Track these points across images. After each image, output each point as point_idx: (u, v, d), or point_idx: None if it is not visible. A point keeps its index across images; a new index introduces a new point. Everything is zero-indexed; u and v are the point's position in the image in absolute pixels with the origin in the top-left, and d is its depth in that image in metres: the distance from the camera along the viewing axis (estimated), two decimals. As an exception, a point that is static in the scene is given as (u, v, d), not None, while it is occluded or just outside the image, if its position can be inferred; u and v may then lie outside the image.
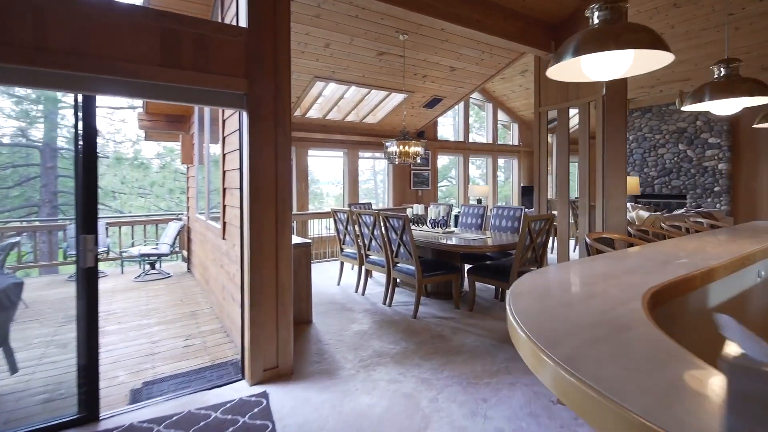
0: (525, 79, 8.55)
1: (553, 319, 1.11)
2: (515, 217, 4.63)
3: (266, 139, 2.54)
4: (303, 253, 3.52)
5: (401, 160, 4.99)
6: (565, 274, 1.67)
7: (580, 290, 1.39)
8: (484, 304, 4.10)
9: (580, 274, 1.65)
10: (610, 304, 1.22)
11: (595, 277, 1.58)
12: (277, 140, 2.59)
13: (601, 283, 1.48)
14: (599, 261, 1.90)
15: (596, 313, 1.14)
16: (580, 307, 1.20)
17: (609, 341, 0.93)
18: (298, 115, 6.64)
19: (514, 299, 1.28)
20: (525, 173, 10.72)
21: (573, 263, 1.85)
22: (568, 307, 1.21)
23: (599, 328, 1.01)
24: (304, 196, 7.09)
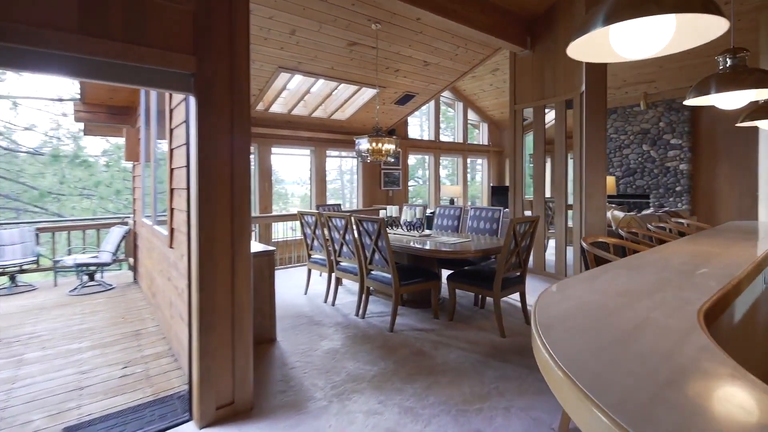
0: (495, 78, 8.46)
1: (613, 368, 0.80)
2: (494, 218, 4.41)
3: (220, 131, 2.12)
4: (265, 263, 3.10)
5: (374, 158, 4.65)
6: (587, 292, 1.39)
7: (620, 317, 1.11)
8: (464, 313, 3.83)
9: (604, 292, 1.38)
10: (668, 338, 0.95)
11: (625, 296, 1.32)
12: (234, 132, 2.17)
13: (637, 305, 1.21)
14: (614, 273, 1.65)
15: (660, 355, 0.85)
16: (635, 345, 0.91)
17: (705, 412, 0.63)
18: (261, 109, 6.14)
19: (546, 334, 0.97)
20: (494, 173, 10.68)
21: (587, 277, 1.59)
22: (621, 345, 0.92)
23: (680, 385, 0.72)
24: (267, 196, 6.59)
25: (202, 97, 2.06)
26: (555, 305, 1.23)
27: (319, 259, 4.37)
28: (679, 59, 6.50)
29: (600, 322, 1.07)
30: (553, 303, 1.26)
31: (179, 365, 2.80)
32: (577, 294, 1.37)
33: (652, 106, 7.99)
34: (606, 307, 1.22)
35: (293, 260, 6.19)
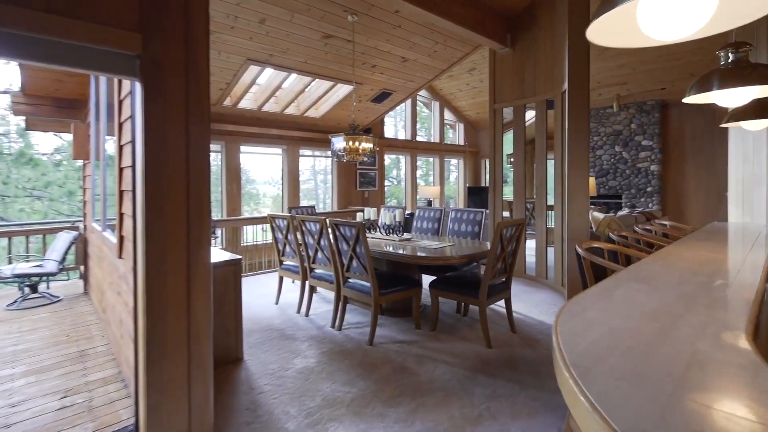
0: (472, 78, 8.36)
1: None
2: (476, 221, 4.24)
3: (172, 123, 1.81)
4: (231, 274, 2.77)
5: (350, 157, 4.38)
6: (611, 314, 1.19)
7: (663, 353, 0.91)
8: (446, 321, 3.63)
9: (629, 315, 1.18)
10: (736, 381, 0.75)
11: (656, 320, 1.12)
12: (190, 125, 1.86)
13: (675, 333, 1.02)
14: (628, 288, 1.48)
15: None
16: (700, 396, 0.71)
17: None
18: (228, 104, 5.75)
19: (588, 383, 0.75)
20: (470, 173, 10.62)
21: (601, 292, 1.40)
22: (683, 397, 0.71)
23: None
24: (235, 198, 6.18)
25: (150, 83, 1.74)
26: (581, 335, 1.02)
27: (292, 265, 4.06)
28: (651, 62, 6.58)
29: (644, 362, 0.86)
30: (577, 331, 1.04)
31: (129, 392, 2.44)
32: (600, 317, 1.16)
33: (624, 108, 8.11)
34: (640, 336, 1.01)
35: (264, 265, 5.82)
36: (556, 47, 4.58)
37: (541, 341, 3.18)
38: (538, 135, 4.93)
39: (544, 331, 3.39)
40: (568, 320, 1.13)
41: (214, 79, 5.08)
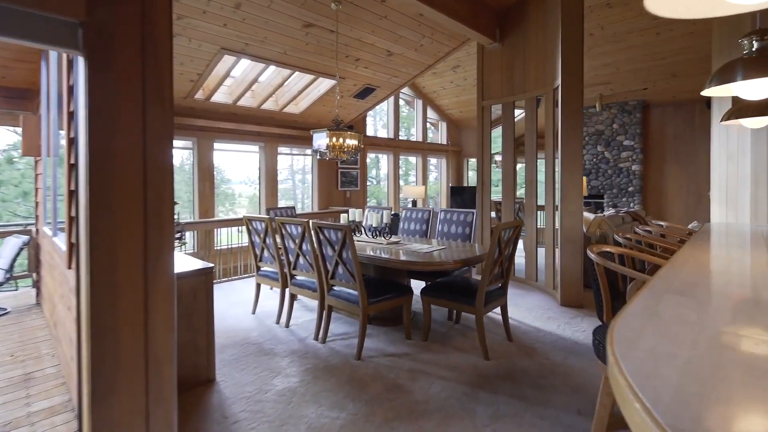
0: (456, 75, 8.20)
1: None
2: (466, 222, 4.03)
3: (125, 105, 1.49)
4: (201, 283, 2.45)
5: (334, 155, 4.09)
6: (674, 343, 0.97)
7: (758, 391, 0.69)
8: (438, 330, 3.40)
9: (695, 342, 0.97)
10: None
11: (722, 343, 0.91)
12: (147, 108, 1.55)
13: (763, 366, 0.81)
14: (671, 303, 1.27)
15: None
16: None
17: None
18: (201, 97, 5.35)
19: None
20: (453, 173, 10.49)
21: (646, 311, 1.19)
22: None
23: None
24: (208, 198, 5.78)
25: (96, 57, 1.43)
26: (656, 375, 0.79)
27: (270, 272, 3.74)
28: (637, 60, 6.57)
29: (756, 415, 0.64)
30: (649, 371, 0.81)
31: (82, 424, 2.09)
32: (663, 347, 0.94)
33: (606, 108, 8.13)
34: (726, 375, 0.79)
35: (239, 271, 5.46)
36: (547, 43, 4.43)
37: (539, 350, 2.99)
38: (528, 133, 4.78)
39: (540, 339, 3.20)
40: (628, 352, 0.90)
41: (185, 70, 4.69)
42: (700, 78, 6.65)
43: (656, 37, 6.00)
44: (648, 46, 6.21)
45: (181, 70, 4.66)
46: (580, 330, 3.38)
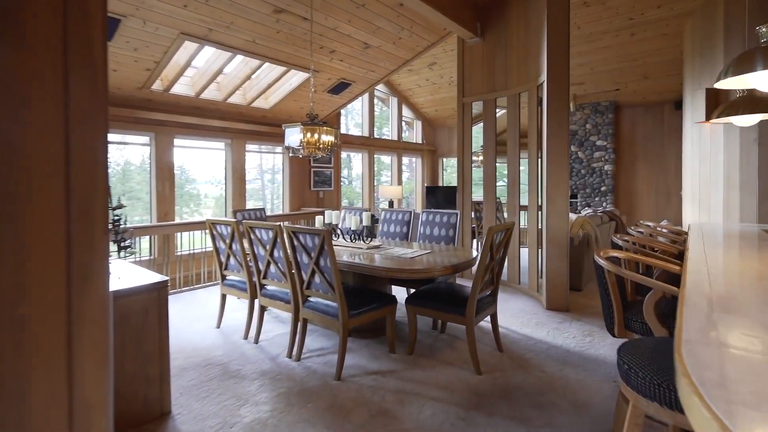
0: (432, 73, 8.02)
1: None
2: (450, 223, 3.81)
3: (35, 80, 1.12)
4: (154, 301, 2.08)
5: (307, 152, 3.76)
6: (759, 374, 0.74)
7: None
8: (423, 341, 3.15)
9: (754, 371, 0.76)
10: None
11: None
12: (70, 78, 1.18)
13: None
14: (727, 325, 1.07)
15: None
16: None
17: None
18: (159, 88, 4.87)
19: None
20: (428, 173, 10.33)
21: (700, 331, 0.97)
22: None
23: None
24: (167, 200, 5.29)
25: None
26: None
27: (237, 281, 3.37)
28: (611, 61, 6.61)
29: None
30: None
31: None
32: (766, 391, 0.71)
33: (579, 108, 8.18)
34: None
35: (203, 278, 5.01)
36: (530, 38, 4.29)
37: (532, 361, 2.79)
38: (511, 131, 4.63)
39: (531, 348, 3.01)
40: (732, 406, 0.67)
41: (140, 56, 4.22)
42: (669, 80, 6.78)
43: (630, 38, 6.03)
44: (622, 47, 6.24)
45: (135, 56, 4.18)
46: (570, 336, 3.23)
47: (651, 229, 3.33)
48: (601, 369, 2.67)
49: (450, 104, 9.02)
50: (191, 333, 3.33)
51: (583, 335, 3.25)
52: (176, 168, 7.36)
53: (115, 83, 4.51)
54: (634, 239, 2.67)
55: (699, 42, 5.30)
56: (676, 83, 6.81)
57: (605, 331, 3.31)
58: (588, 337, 3.20)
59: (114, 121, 4.77)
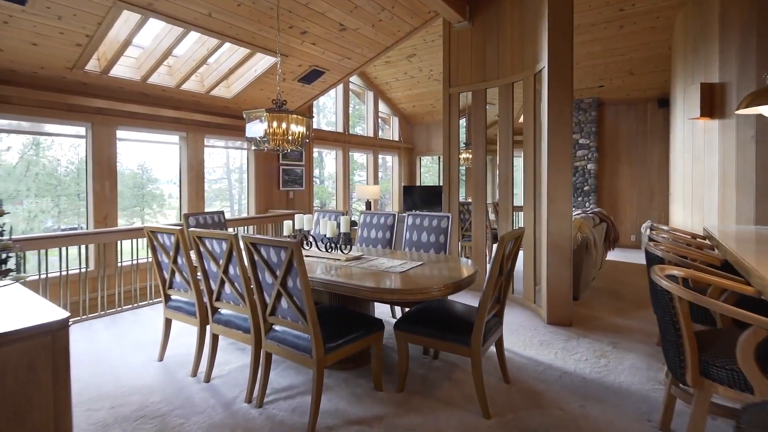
0: (411, 66, 7.53)
1: None
2: (440, 228, 3.32)
3: None
4: (44, 351, 1.43)
5: (273, 145, 3.16)
6: None
7: None
8: (415, 371, 2.63)
9: None
10: None
11: None
12: None
13: None
14: None
15: None
16: None
17: None
18: (95, 69, 4.11)
19: None
20: (405, 172, 9.85)
21: None
22: None
23: None
24: (108, 201, 4.52)
25: None
26: None
27: (185, 303, 2.73)
28: (595, 56, 6.34)
29: None
30: None
31: None
32: None
33: (562, 107, 7.91)
34: None
35: (151, 294, 4.28)
36: (526, 19, 3.86)
37: (546, 395, 2.33)
38: (503, 124, 4.19)
39: (542, 376, 2.56)
40: None
41: (66, 28, 3.47)
42: (654, 76, 6.59)
43: (618, 30, 5.75)
44: (609, 41, 5.96)
45: (60, 27, 3.43)
46: (582, 359, 2.80)
47: (672, 234, 2.95)
48: (629, 403, 2.24)
49: (428, 100, 8.58)
50: (126, 368, 2.66)
51: (595, 356, 2.83)
52: (138, 167, 6.53)
53: (37, 60, 3.73)
54: (669, 248, 2.25)
55: (692, 35, 5.07)
56: (660, 80, 6.63)
57: (618, 350, 2.91)
58: (602, 359, 2.78)
59: (37, 107, 3.98)
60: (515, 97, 4.16)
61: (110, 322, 3.60)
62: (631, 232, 7.51)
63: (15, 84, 3.85)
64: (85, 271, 3.74)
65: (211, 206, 7.94)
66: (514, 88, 4.12)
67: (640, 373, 2.59)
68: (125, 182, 5.97)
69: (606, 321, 3.55)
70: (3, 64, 3.66)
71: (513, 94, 4.12)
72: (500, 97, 4.19)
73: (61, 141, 4.84)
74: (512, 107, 4.12)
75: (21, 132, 4.32)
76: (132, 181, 6.23)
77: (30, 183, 4.78)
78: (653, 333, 3.22)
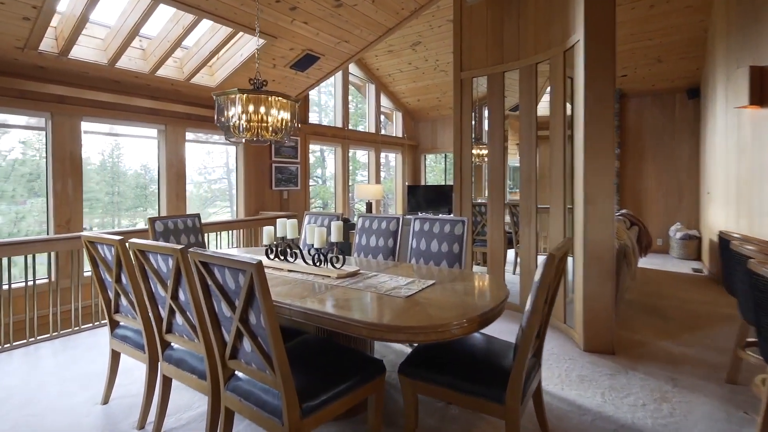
0: (416, 55, 6.94)
1: None
2: (454, 236, 2.73)
3: None
4: None
5: (250, 135, 2.58)
6: None
7: None
8: (425, 422, 2.04)
9: None
10: None
11: None
12: None
13: None
14: None
15: None
16: None
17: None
18: (51, 50, 3.55)
19: None
20: (409, 171, 9.26)
21: None
22: None
23: None
24: (70, 203, 3.95)
25: None
26: None
27: (132, 333, 2.15)
28: (620, 42, 5.71)
29: None
30: None
31: None
32: None
33: (580, 99, 7.30)
34: None
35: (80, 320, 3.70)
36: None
37: (603, 460, 1.73)
38: (525, 112, 3.60)
39: (589, 428, 1.96)
40: None
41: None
42: (685, 63, 5.96)
43: (649, 11, 5.13)
44: (636, 24, 5.35)
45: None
46: (639, 404, 2.20)
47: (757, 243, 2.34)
48: (719, 478, 1.64)
49: (434, 93, 7.99)
50: (60, 412, 2.09)
51: (654, 400, 2.23)
52: (141, 167, 5.98)
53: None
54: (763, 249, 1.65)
55: (739, 12, 4.45)
56: (691, 68, 6.00)
57: (681, 390, 2.31)
58: (664, 405, 2.18)
59: (-15, 93, 3.43)
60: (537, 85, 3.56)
61: (60, 347, 3.03)
62: (657, 235, 6.87)
63: (-44, 66, 3.30)
64: (33, 285, 3.17)
65: (212, 207, 7.37)
66: (537, 69, 3.52)
67: (719, 426, 1.99)
68: (127, 182, 5.59)
69: (655, 347, 2.94)
70: (-63, 41, 3.11)
71: (537, 77, 3.52)
72: (521, 81, 3.59)
73: (17, 133, 4.27)
74: (536, 92, 3.53)
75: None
76: (135, 181, 5.74)
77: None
78: (718, 365, 2.62)
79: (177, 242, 3.21)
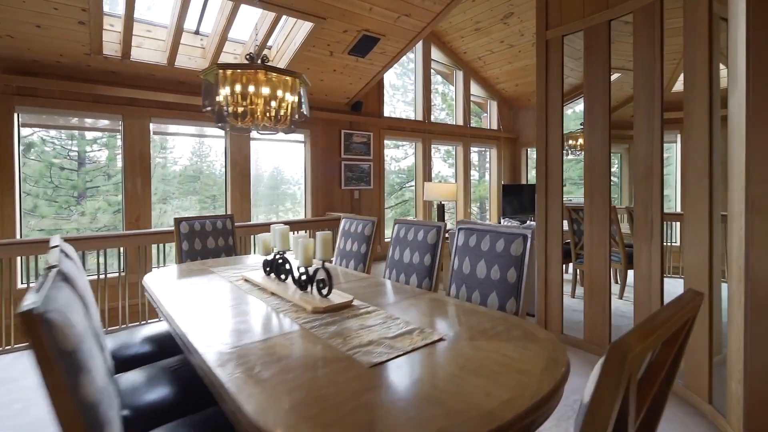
0: (508, 30, 5.86)
1: None
2: (510, 255, 1.85)
3: None
4: None
5: (248, 121, 2.11)
6: None
7: None
8: None
9: None
10: None
11: None
12: None
13: None
14: None
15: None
16: None
17: None
18: (115, 55, 3.67)
19: None
20: (507, 168, 8.08)
21: None
22: None
23: None
24: (140, 201, 4.08)
25: None
26: None
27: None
28: None
29: None
30: None
31: None
32: None
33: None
34: None
35: (146, 314, 3.64)
36: None
37: None
38: (642, 79, 2.45)
39: None
40: None
41: (56, 2, 2.99)
42: None
43: None
44: None
45: (50, 1, 2.96)
46: None
47: None
48: None
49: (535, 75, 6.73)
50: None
51: None
52: (274, 168, 6.40)
53: (50, 46, 3.38)
54: None
55: None
56: None
57: None
58: None
59: (65, 99, 3.70)
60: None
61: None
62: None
63: (42, 75, 3.60)
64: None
65: (282, 208, 7.44)
66: (663, 13, 2.35)
67: None
68: (264, 183, 6.06)
69: None
70: (22, 53, 3.40)
71: (662, 24, 2.35)
72: (636, 31, 2.45)
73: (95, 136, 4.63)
74: (661, 43, 2.35)
75: (55, 127, 4.17)
76: (271, 182, 6.17)
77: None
78: None
79: (203, 245, 2.97)
